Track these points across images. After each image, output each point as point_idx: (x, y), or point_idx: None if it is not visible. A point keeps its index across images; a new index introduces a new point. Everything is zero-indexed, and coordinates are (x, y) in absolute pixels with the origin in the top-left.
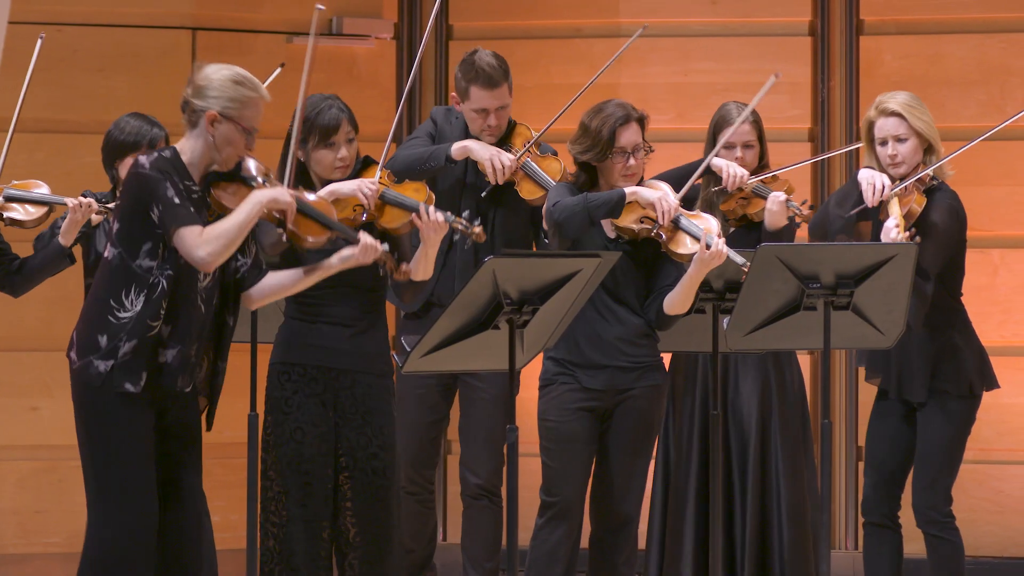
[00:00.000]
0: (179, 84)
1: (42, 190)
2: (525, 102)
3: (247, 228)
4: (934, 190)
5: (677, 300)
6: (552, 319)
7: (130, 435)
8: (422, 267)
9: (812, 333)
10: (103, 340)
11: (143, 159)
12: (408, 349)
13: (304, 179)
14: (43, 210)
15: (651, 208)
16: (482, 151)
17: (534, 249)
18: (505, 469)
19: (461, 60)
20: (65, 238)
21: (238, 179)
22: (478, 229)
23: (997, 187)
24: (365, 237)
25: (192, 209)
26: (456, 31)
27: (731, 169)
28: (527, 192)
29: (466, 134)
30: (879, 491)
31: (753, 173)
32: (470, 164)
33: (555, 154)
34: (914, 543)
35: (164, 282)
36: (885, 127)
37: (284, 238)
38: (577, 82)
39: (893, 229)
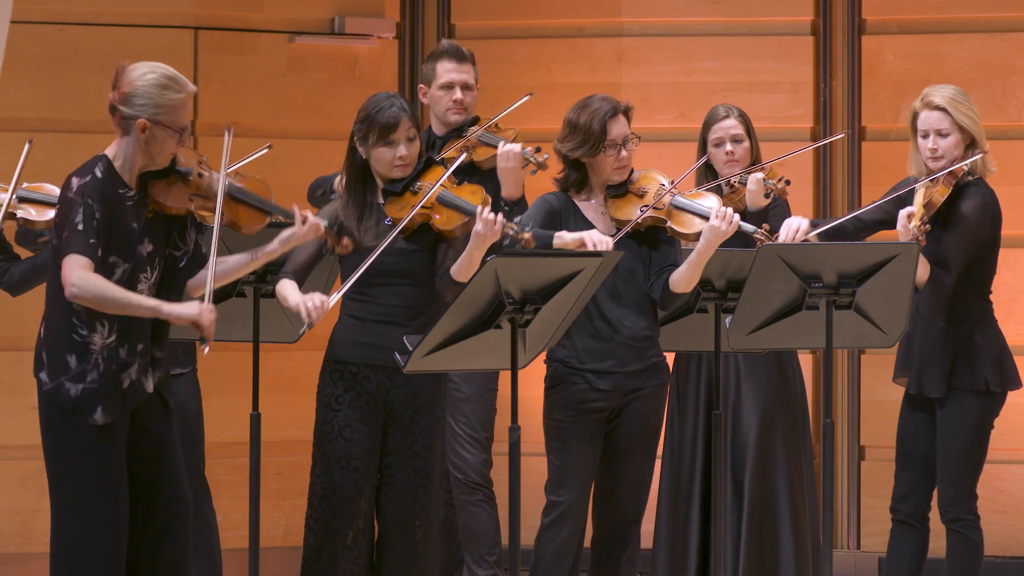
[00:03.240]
0: None
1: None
2: (527, 101)
3: (131, 312)
4: (968, 184)
5: (684, 277)
6: (554, 318)
7: (101, 457)
8: (466, 268)
9: (814, 332)
10: (72, 360)
11: (74, 181)
12: (411, 348)
13: (366, 177)
14: (54, 211)
15: (578, 245)
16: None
17: None
18: (508, 468)
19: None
20: None
21: (173, 173)
22: (527, 235)
23: (997, 187)
24: (305, 215)
25: (93, 241)
26: (458, 30)
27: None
28: (445, 222)
29: (426, 140)
30: (907, 489)
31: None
32: None
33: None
34: (938, 540)
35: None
36: (928, 120)
37: (206, 350)
38: (578, 81)
39: (904, 216)
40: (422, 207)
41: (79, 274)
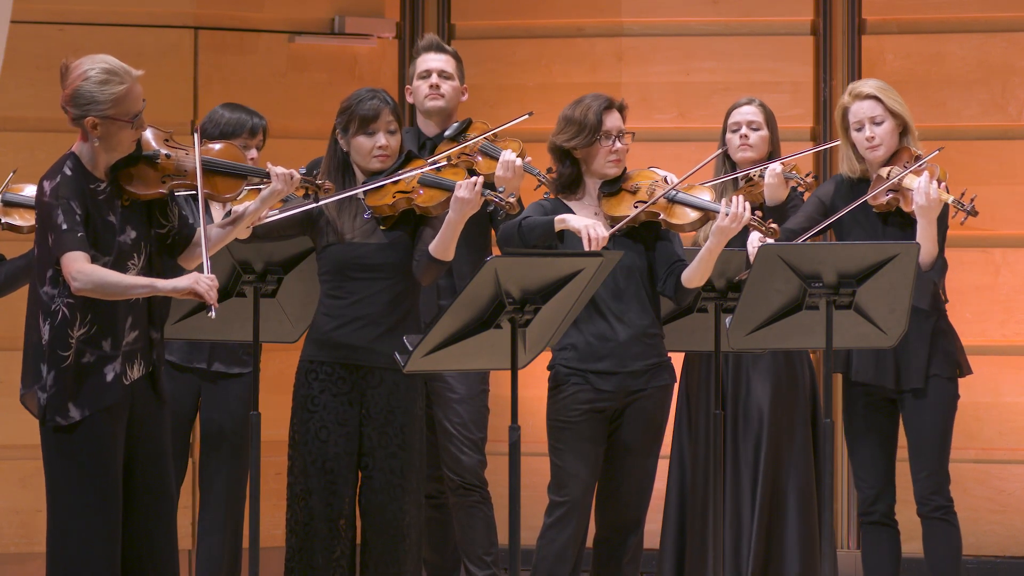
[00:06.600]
0: (182, 84)
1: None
2: (527, 101)
3: (131, 295)
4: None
5: (696, 274)
6: (554, 318)
7: (87, 460)
8: (445, 242)
9: (814, 332)
10: (43, 368)
11: (46, 185)
12: (411, 348)
13: (346, 170)
14: None
15: (578, 234)
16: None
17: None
18: (507, 468)
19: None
20: None
21: (140, 160)
22: (512, 200)
23: (997, 187)
24: (276, 168)
25: (80, 234)
26: (458, 30)
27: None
28: (426, 199)
29: (416, 142)
30: (878, 490)
31: (760, 161)
32: None
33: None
34: (911, 543)
35: (64, 310)
36: (861, 110)
37: (212, 314)
38: (578, 81)
39: (930, 186)
40: (401, 192)
41: (78, 267)
